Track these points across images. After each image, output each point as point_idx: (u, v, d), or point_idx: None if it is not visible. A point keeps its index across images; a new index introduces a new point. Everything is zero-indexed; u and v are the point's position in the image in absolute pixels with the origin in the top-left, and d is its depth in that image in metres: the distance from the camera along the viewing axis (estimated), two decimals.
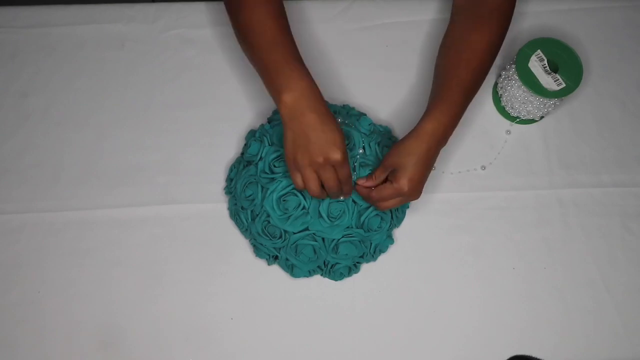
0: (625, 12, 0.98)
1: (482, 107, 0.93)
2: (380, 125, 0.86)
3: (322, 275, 0.83)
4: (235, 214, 0.82)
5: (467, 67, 0.76)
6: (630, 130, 0.92)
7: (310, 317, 0.82)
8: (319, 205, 0.76)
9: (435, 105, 0.73)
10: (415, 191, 0.73)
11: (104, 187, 0.87)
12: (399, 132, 0.89)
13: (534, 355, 0.81)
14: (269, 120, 0.86)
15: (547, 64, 0.84)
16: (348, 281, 0.84)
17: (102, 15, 0.95)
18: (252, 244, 0.83)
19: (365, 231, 0.78)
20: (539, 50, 0.85)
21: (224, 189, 0.86)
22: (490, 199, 0.88)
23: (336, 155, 0.67)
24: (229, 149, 0.89)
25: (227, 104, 0.91)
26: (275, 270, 0.84)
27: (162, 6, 0.96)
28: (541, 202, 0.88)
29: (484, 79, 0.78)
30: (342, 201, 0.76)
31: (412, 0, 0.96)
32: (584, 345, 0.82)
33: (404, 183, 0.71)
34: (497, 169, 0.89)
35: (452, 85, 0.74)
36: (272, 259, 0.82)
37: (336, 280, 0.83)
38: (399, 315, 0.83)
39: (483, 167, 0.89)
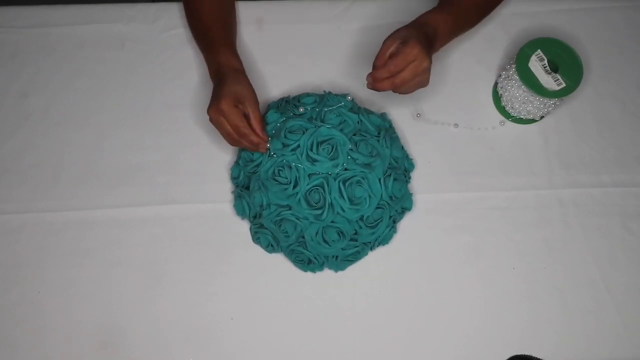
0: (625, 12, 0.98)
1: (483, 107, 0.93)
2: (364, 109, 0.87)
3: (328, 267, 0.83)
4: (239, 196, 0.84)
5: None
6: (630, 130, 0.92)
7: (310, 317, 0.82)
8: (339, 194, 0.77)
9: (430, 11, 0.81)
10: (426, 55, 0.73)
11: (104, 187, 0.87)
12: (398, 130, 0.90)
13: (534, 355, 0.81)
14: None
15: (547, 64, 0.84)
16: (348, 281, 0.84)
17: (102, 15, 0.95)
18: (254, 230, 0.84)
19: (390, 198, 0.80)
20: (539, 50, 0.85)
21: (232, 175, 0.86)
22: (491, 199, 0.88)
23: (225, 103, 0.75)
24: (229, 148, 0.89)
25: None
26: (276, 270, 0.84)
27: (162, 6, 0.96)
28: (541, 202, 0.88)
29: (480, 17, 0.87)
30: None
31: (412, 0, 0.96)
32: (584, 345, 0.82)
33: (414, 44, 0.72)
34: (497, 169, 0.89)
35: (451, 6, 0.81)
36: (271, 246, 0.83)
37: (339, 270, 0.83)
38: (399, 315, 0.83)
39: (456, 125, 0.90)
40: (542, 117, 0.92)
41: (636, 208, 0.88)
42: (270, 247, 0.83)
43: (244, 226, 0.85)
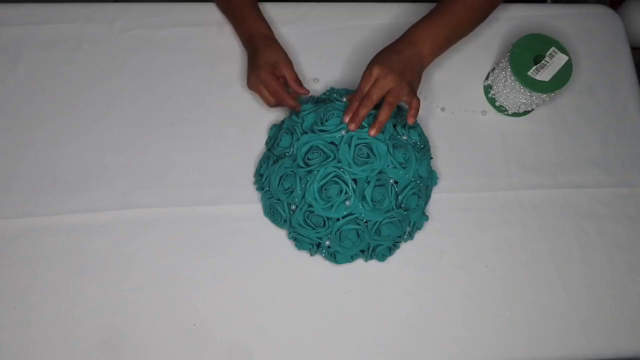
0: (608, 18, 1.02)
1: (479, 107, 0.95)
2: None
3: (364, 259, 0.83)
4: (271, 208, 0.83)
5: (464, 7, 0.83)
6: (584, 133, 0.96)
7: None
8: (364, 189, 0.77)
9: (420, 27, 0.81)
10: (394, 77, 0.75)
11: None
12: None
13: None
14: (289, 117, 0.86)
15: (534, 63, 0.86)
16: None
17: (59, 15, 0.92)
18: (291, 237, 0.83)
19: (404, 210, 0.80)
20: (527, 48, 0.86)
21: (254, 184, 0.86)
22: (452, 200, 0.89)
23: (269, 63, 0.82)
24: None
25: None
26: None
27: (120, 6, 0.94)
28: (501, 203, 0.90)
29: (473, 25, 0.86)
30: (382, 185, 0.78)
31: (373, 3, 0.97)
32: (538, 341, 0.84)
33: (373, 68, 0.76)
34: (459, 172, 0.91)
35: (444, 18, 0.82)
36: (315, 247, 0.82)
37: (380, 261, 0.84)
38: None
39: (442, 109, 0.93)
40: (526, 113, 0.94)
41: (590, 208, 0.92)
42: (313, 248, 0.83)
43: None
